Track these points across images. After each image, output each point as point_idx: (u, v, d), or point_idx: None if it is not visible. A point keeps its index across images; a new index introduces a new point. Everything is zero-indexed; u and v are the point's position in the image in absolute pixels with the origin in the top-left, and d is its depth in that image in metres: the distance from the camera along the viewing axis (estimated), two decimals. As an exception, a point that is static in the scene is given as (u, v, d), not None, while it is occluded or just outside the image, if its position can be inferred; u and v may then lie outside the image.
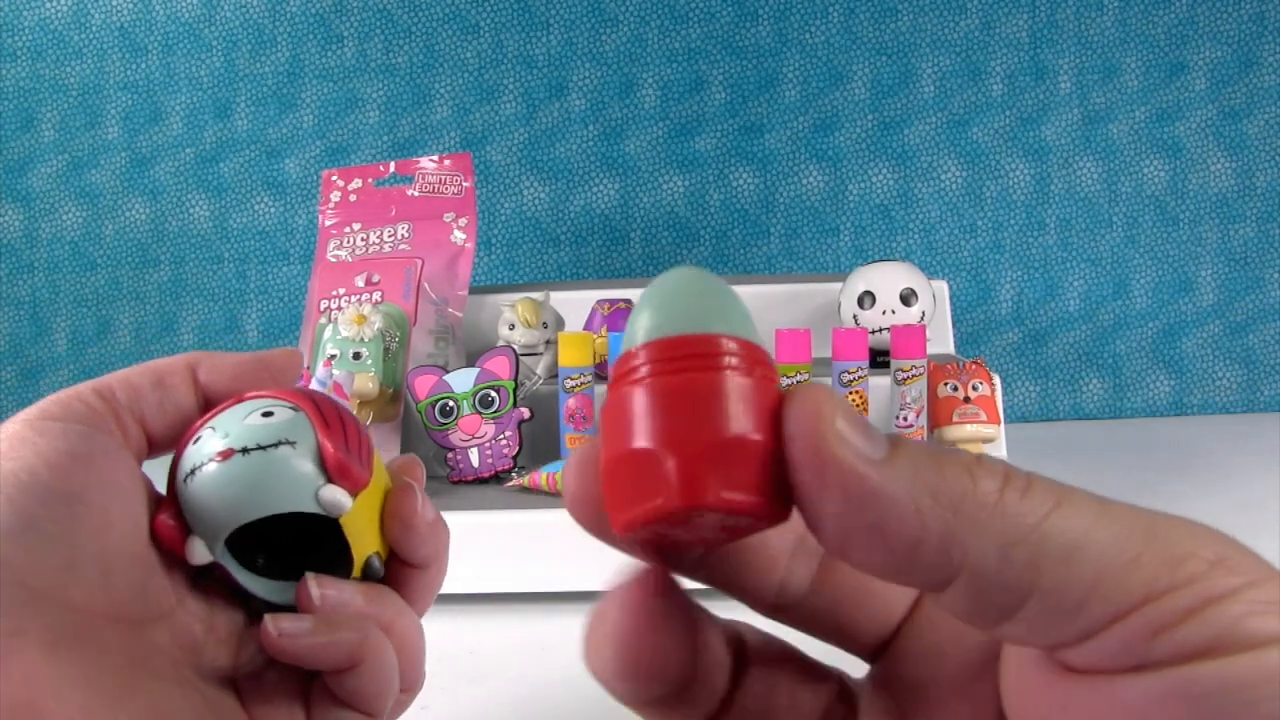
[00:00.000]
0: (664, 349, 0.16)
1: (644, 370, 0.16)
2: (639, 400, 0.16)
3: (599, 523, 0.17)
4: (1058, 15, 1.09)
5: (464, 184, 0.83)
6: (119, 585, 0.22)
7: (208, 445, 0.24)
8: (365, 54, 1.13)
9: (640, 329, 0.17)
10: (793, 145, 1.12)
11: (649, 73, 1.12)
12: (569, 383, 0.68)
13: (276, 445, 0.24)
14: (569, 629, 0.22)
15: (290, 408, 0.25)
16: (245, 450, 0.24)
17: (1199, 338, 1.11)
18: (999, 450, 0.71)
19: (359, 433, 0.26)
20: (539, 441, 0.69)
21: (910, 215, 1.12)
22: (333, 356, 0.65)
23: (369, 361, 0.66)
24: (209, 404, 0.26)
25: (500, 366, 0.68)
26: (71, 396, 0.23)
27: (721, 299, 0.17)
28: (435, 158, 0.85)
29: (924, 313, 0.75)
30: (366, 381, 0.64)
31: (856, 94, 1.11)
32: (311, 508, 0.24)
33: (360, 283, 0.76)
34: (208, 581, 0.26)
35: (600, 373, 0.72)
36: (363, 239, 0.80)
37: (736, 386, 0.16)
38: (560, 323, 0.79)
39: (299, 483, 0.24)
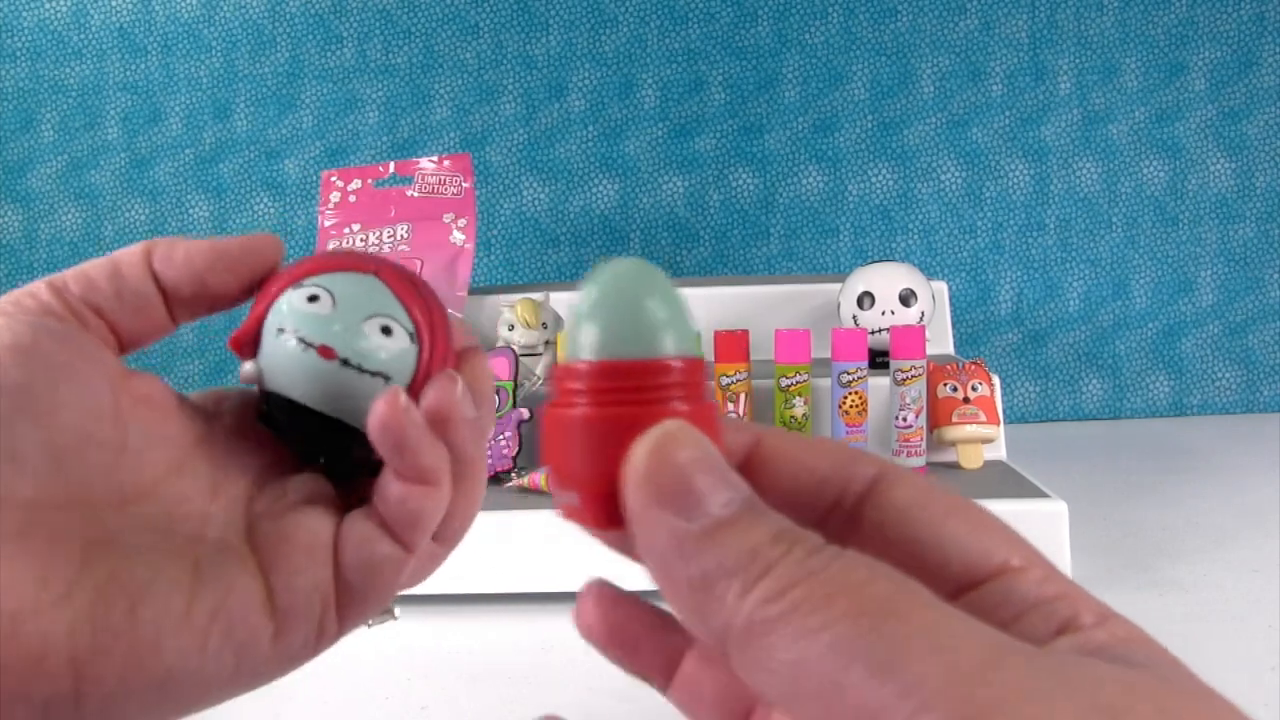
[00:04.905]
0: (602, 376, 0.18)
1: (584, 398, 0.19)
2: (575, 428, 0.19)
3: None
4: (1057, 16, 1.09)
5: (463, 184, 0.83)
6: (74, 470, 0.21)
7: (316, 323, 0.24)
8: (365, 55, 1.13)
9: (584, 342, 0.19)
10: (792, 146, 1.12)
11: (648, 73, 1.12)
12: (568, 383, 0.68)
13: (374, 375, 0.24)
14: (569, 629, 0.22)
15: (409, 334, 0.24)
16: (346, 363, 0.23)
17: (1198, 338, 1.11)
18: (999, 450, 0.71)
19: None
20: (538, 442, 0.69)
21: (910, 216, 1.12)
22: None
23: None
24: (167, 293, 0.24)
25: (500, 367, 0.68)
26: (24, 293, 0.23)
27: (660, 306, 0.19)
28: (435, 158, 0.85)
29: (923, 313, 0.75)
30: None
31: (856, 95, 1.11)
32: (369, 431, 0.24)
33: (360, 283, 0.76)
34: (213, 445, 0.25)
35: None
36: (362, 239, 0.80)
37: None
38: (560, 323, 0.79)
39: (370, 412, 0.24)
